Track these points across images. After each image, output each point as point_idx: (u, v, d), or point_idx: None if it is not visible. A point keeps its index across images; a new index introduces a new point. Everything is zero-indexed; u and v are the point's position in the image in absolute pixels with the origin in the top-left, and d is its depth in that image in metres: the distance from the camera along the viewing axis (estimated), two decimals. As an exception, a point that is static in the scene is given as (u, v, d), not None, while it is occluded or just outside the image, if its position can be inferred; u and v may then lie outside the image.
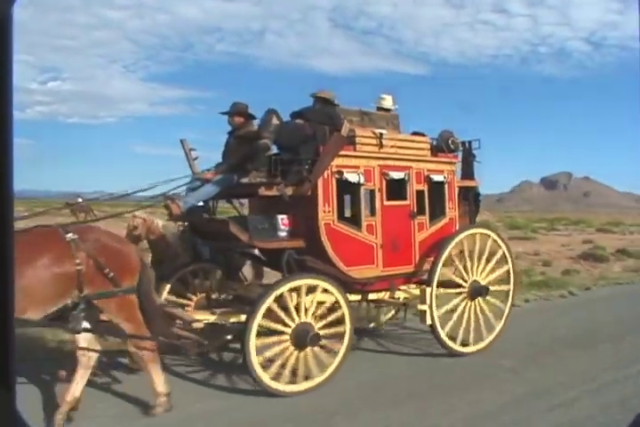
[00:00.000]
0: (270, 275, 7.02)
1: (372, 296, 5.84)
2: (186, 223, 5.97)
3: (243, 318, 5.03)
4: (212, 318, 5.08)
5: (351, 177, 5.40)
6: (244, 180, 5.20)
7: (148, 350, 4.25)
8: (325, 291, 5.05)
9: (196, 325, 4.85)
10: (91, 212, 5.62)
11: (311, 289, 4.96)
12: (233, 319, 5.12)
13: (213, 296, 5.83)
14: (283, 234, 5.30)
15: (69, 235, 3.98)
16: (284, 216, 5.31)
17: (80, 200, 5.67)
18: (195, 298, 5.75)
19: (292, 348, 4.83)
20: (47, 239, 3.98)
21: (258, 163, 5.20)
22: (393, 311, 7.35)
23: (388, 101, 6.41)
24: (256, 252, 6.01)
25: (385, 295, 5.91)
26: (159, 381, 4.29)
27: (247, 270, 6.70)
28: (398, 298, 6.02)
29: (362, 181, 5.47)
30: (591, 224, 35.94)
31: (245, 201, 6.28)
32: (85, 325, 4.09)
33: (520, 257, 13.88)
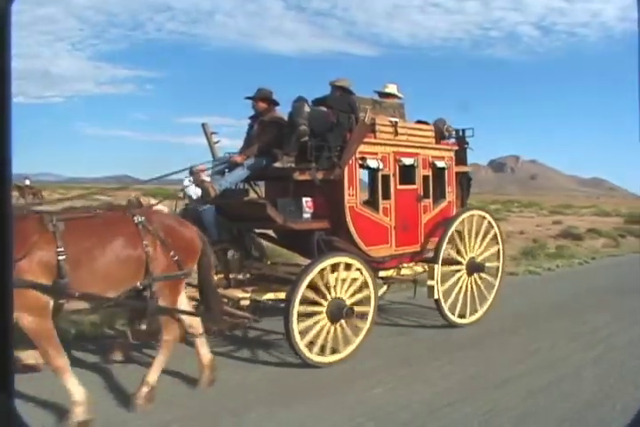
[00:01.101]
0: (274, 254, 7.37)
1: (382, 274, 6.29)
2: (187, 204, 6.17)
3: (278, 294, 5.36)
4: (247, 296, 5.34)
5: (372, 163, 5.77)
6: (277, 164, 5.45)
7: (173, 340, 4.36)
8: (349, 267, 5.43)
9: (242, 302, 5.12)
10: (39, 193, 5.67)
11: (342, 267, 5.32)
12: (268, 296, 5.40)
13: (231, 276, 6.06)
14: (307, 216, 5.61)
15: (137, 217, 4.12)
16: (309, 199, 5.62)
17: (28, 182, 5.71)
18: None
19: (326, 321, 5.20)
20: (118, 222, 4.10)
21: (288, 148, 5.46)
22: (385, 287, 7.86)
23: (392, 88, 6.76)
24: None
25: (393, 273, 6.39)
26: (158, 369, 4.24)
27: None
28: (408, 275, 6.53)
29: (380, 166, 5.86)
30: (543, 207, 38.51)
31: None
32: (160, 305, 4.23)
33: (511, 236, 15.63)
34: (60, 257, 3.64)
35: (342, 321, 5.28)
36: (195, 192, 7.46)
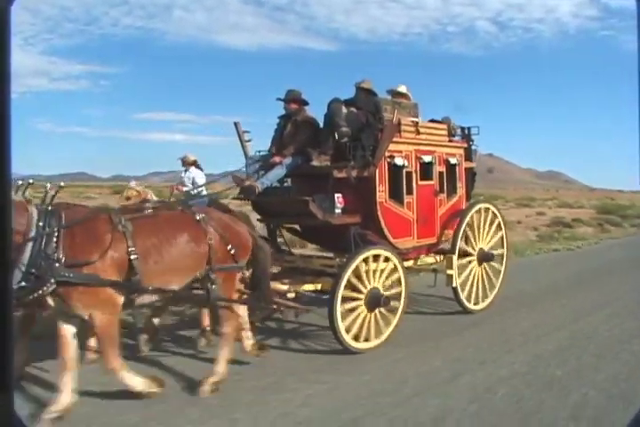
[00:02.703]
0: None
1: (405, 264, 6.68)
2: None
3: (317, 286, 5.69)
4: (292, 289, 5.64)
5: (398, 161, 6.14)
6: (315, 163, 5.76)
7: (235, 328, 4.70)
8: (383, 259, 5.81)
9: (290, 295, 5.43)
10: None
11: (378, 259, 5.69)
12: (309, 287, 5.71)
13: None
14: (338, 211, 5.94)
15: (198, 215, 4.39)
16: (340, 195, 5.95)
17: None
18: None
19: (364, 309, 5.56)
20: (183, 219, 4.36)
21: (326, 147, 5.77)
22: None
23: (402, 88, 7.12)
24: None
25: (413, 264, 6.81)
26: (224, 360, 4.51)
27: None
28: (423, 265, 6.96)
29: (405, 164, 6.24)
30: (507, 199, 40.17)
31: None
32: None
33: (512, 225, 18.09)
34: (132, 256, 3.87)
35: (379, 309, 5.66)
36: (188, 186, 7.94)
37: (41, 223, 3.61)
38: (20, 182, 4.09)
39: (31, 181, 4.06)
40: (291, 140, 5.98)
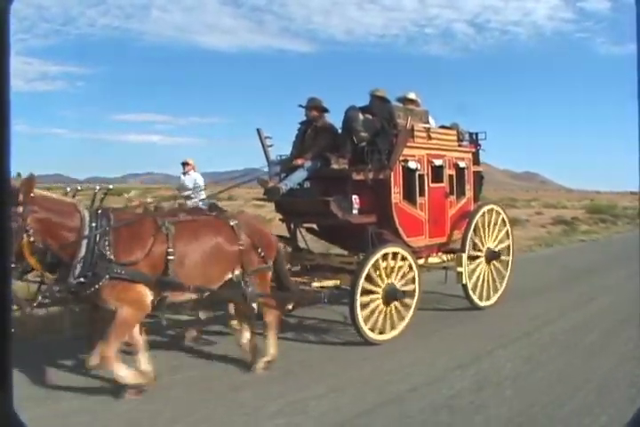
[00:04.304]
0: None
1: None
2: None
3: (336, 282, 6.08)
4: (314, 284, 6.02)
5: (411, 164, 6.53)
6: (334, 166, 6.16)
7: (276, 317, 5.11)
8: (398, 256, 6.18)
9: (314, 284, 5.85)
10: None
11: (392, 256, 6.06)
12: (329, 283, 6.09)
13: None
14: (355, 211, 6.33)
15: (231, 220, 4.80)
16: (356, 196, 6.34)
17: None
18: None
19: (380, 303, 5.93)
20: (218, 225, 4.78)
21: (344, 151, 6.18)
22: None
23: (412, 95, 7.52)
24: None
25: (424, 262, 7.18)
26: (274, 343, 5.01)
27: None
28: (433, 263, 7.34)
29: (418, 167, 6.63)
30: (491, 199, 41.75)
31: None
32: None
33: (522, 223, 20.44)
34: (170, 257, 4.24)
35: (395, 303, 6.04)
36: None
37: (94, 224, 3.99)
38: (69, 189, 4.55)
39: (79, 187, 4.51)
40: (311, 144, 6.38)
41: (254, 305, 5.19)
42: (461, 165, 7.44)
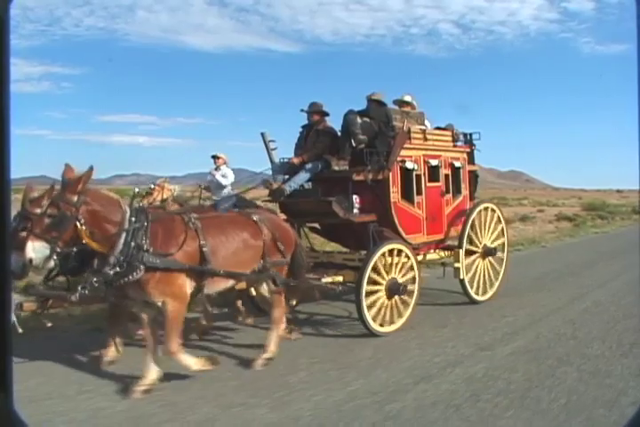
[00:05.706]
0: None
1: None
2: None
3: (339, 278, 6.37)
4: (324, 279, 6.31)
5: (409, 165, 6.84)
6: (335, 167, 6.46)
7: (282, 313, 5.38)
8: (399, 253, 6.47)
9: (324, 279, 6.15)
10: None
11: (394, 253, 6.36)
12: (337, 279, 6.37)
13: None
14: (356, 211, 6.63)
15: (255, 216, 5.11)
16: (357, 196, 6.64)
17: None
18: None
19: (384, 297, 6.23)
20: (242, 220, 5.12)
21: (344, 153, 6.48)
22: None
23: (407, 97, 7.82)
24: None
25: (422, 258, 7.48)
26: (275, 341, 5.20)
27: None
28: (438, 258, 7.66)
29: (415, 167, 6.94)
30: (481, 198, 42.68)
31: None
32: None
33: (530, 218, 23.54)
34: (204, 249, 4.57)
35: (397, 297, 6.33)
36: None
37: (133, 218, 4.31)
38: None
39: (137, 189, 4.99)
40: (312, 146, 6.69)
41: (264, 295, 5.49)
42: (457, 164, 7.73)
